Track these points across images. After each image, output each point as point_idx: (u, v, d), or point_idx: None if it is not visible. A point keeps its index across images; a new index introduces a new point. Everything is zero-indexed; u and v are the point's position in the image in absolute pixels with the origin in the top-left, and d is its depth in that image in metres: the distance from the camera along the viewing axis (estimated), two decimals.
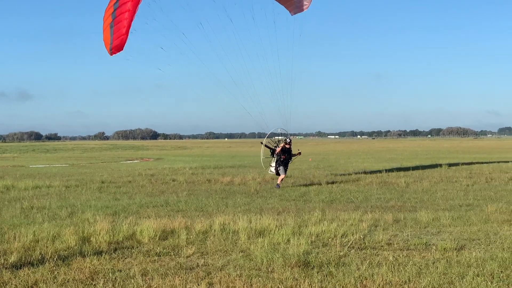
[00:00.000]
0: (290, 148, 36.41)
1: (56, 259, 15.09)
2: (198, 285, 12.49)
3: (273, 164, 37.38)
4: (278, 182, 35.28)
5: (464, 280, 12.65)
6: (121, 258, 15.47)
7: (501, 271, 13.39)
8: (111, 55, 29.10)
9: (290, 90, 42.16)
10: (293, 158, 37.27)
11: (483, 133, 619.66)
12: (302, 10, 37.89)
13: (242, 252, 15.92)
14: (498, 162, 60.89)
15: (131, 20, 28.09)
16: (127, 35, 28.31)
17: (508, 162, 60.24)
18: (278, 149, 36.21)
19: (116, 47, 28.66)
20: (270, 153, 38.28)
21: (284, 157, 35.87)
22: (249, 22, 35.14)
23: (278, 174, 36.11)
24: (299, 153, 37.80)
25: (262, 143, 39.38)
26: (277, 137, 39.62)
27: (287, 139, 36.86)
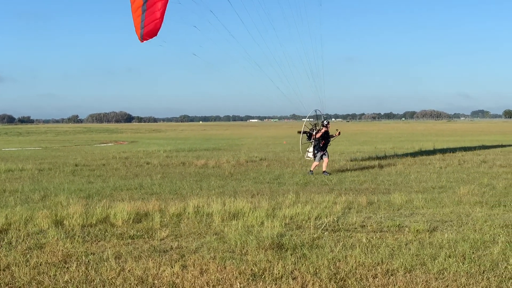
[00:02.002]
0: (328, 131, 33.79)
1: (29, 242, 15.01)
2: (172, 267, 12.45)
3: (311, 149, 34.77)
4: (311, 168, 33.01)
5: (436, 261, 12.74)
6: (95, 241, 15.41)
7: (473, 252, 13.50)
8: (142, 41, 27.52)
9: (322, 70, 40.58)
10: (332, 139, 34.62)
11: (456, 116, 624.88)
12: None
13: (216, 234, 15.91)
14: (477, 147, 61.30)
15: (166, 3, 26.35)
16: (162, 20, 26.47)
17: (496, 146, 60.67)
18: (318, 134, 33.43)
19: (149, 33, 26.97)
20: (306, 138, 35.73)
21: (324, 142, 33.33)
22: None
23: (317, 159, 33.35)
24: (339, 133, 35.24)
25: (299, 132, 36.71)
26: (308, 120, 37.05)
27: (324, 122, 34.16)
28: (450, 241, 14.65)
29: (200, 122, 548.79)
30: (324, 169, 32.76)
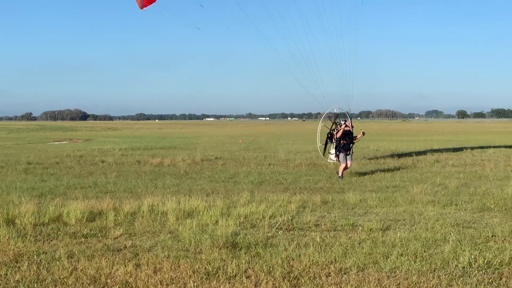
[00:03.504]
0: (350, 130, 31.74)
1: None
2: (125, 266, 12.37)
3: (333, 151, 32.61)
4: (340, 173, 30.26)
5: (389, 259, 12.86)
6: (47, 240, 15.24)
7: (424, 251, 13.67)
8: (142, 8, 26.50)
9: (347, 68, 39.12)
10: (355, 141, 32.43)
11: (411, 115, 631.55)
12: None
13: (170, 233, 15.86)
14: (431, 148, 61.89)
15: None
16: None
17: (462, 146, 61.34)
18: (338, 133, 31.24)
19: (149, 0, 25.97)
20: (328, 137, 33.32)
21: (345, 142, 30.96)
22: None
23: (340, 161, 31.19)
24: (363, 134, 32.66)
25: (319, 144, 35.44)
26: (327, 118, 35.50)
27: (343, 120, 32.08)
28: (402, 239, 14.80)
29: (156, 120, 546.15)
30: (339, 173, 30.34)
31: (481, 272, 12.05)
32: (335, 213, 18.94)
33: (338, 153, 31.19)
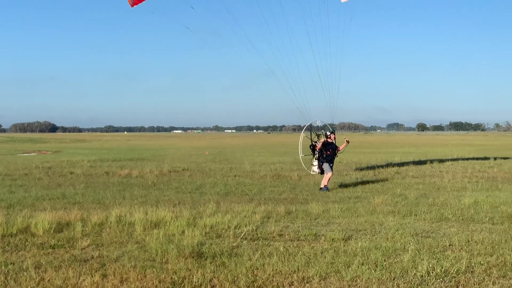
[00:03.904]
0: (333, 141, 31.21)
1: None
2: (92, 276, 12.31)
3: (315, 162, 32.35)
4: (324, 184, 29.63)
5: (350, 268, 12.96)
6: (15, 251, 15.08)
7: (384, 260, 13.79)
8: (132, 6, 25.90)
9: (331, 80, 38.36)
10: (339, 152, 31.90)
11: (373, 128, 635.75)
12: None
13: (137, 243, 15.81)
14: (392, 159, 62.31)
15: None
16: None
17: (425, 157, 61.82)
18: (318, 145, 31.26)
19: None
20: (310, 149, 33.12)
21: (329, 152, 30.65)
22: None
23: (322, 173, 30.84)
24: (347, 142, 32.26)
25: (301, 155, 35.30)
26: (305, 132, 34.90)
27: (327, 132, 31.62)
28: (363, 249, 14.90)
29: (125, 132, 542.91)
30: (323, 184, 29.78)
31: (438, 280, 12.21)
32: (299, 223, 19.02)
33: (321, 164, 30.79)
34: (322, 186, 29.46)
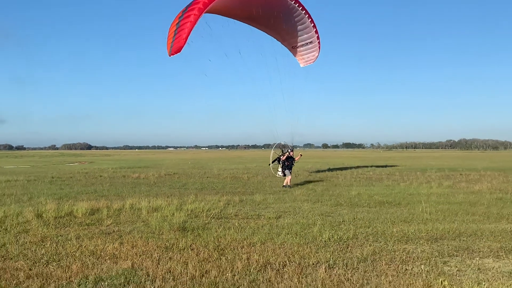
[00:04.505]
0: (292, 156, 30.23)
1: (19, 228, 14.28)
2: (113, 244, 12.08)
3: (280, 169, 31.46)
4: (287, 183, 28.75)
5: (280, 236, 12.98)
6: (63, 227, 14.73)
7: (302, 231, 13.85)
8: (170, 55, 23.29)
9: (290, 110, 37.50)
10: (295, 161, 30.81)
11: (295, 147, 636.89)
12: (311, 63, 32.55)
13: (143, 222, 15.57)
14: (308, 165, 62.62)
15: (191, 29, 22.89)
16: (186, 41, 22.80)
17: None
18: (283, 157, 30.12)
19: (175, 49, 23.08)
20: (277, 161, 31.83)
21: (288, 163, 29.76)
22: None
23: (284, 175, 29.98)
24: (300, 155, 32.11)
25: (269, 164, 33.57)
26: (275, 149, 33.10)
27: (289, 150, 30.70)
28: (288, 224, 14.97)
29: (136, 149, 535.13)
30: (284, 184, 28.89)
31: (335, 244, 12.30)
32: (247, 208, 18.98)
33: (284, 170, 30.17)
34: (284, 184, 28.86)
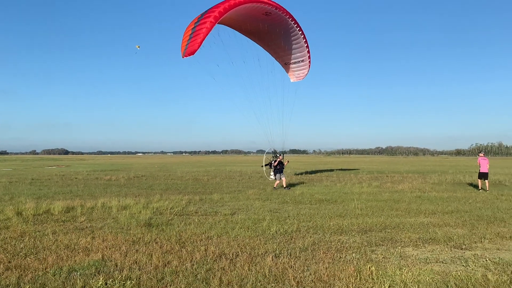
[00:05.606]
0: (282, 161, 28.83)
1: (0, 225, 13.68)
2: (86, 238, 11.77)
3: (272, 173, 30.92)
4: (286, 185, 27.76)
5: (234, 230, 13.00)
6: (40, 223, 14.22)
7: (253, 225, 13.92)
8: (183, 57, 21.82)
9: (282, 120, 37.00)
10: (285, 166, 29.18)
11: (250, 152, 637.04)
12: (301, 79, 31.81)
13: (113, 219, 15.22)
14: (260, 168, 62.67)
15: (207, 34, 21.61)
16: (200, 45, 21.57)
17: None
18: (275, 163, 29.04)
19: (189, 51, 21.77)
20: (268, 166, 31.36)
21: (279, 167, 28.42)
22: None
23: (276, 179, 28.74)
24: (287, 162, 30.57)
25: (262, 166, 32.47)
26: (267, 155, 32.11)
27: (279, 155, 29.45)
28: (242, 219, 15.00)
29: (108, 154, 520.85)
30: (284, 186, 27.60)
31: (282, 236, 12.44)
32: (206, 206, 18.88)
33: (276, 173, 29.23)
34: (285, 186, 27.92)
